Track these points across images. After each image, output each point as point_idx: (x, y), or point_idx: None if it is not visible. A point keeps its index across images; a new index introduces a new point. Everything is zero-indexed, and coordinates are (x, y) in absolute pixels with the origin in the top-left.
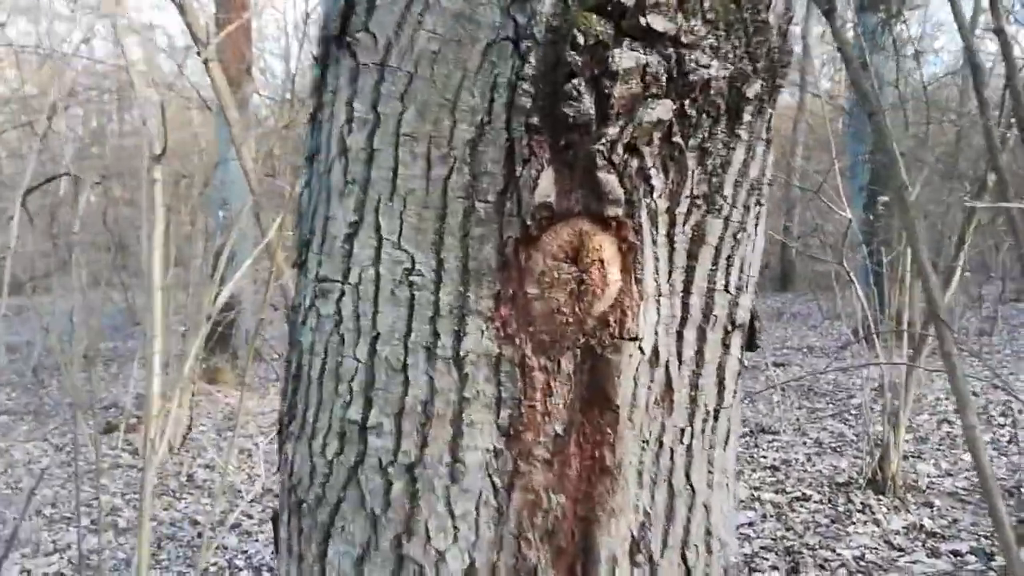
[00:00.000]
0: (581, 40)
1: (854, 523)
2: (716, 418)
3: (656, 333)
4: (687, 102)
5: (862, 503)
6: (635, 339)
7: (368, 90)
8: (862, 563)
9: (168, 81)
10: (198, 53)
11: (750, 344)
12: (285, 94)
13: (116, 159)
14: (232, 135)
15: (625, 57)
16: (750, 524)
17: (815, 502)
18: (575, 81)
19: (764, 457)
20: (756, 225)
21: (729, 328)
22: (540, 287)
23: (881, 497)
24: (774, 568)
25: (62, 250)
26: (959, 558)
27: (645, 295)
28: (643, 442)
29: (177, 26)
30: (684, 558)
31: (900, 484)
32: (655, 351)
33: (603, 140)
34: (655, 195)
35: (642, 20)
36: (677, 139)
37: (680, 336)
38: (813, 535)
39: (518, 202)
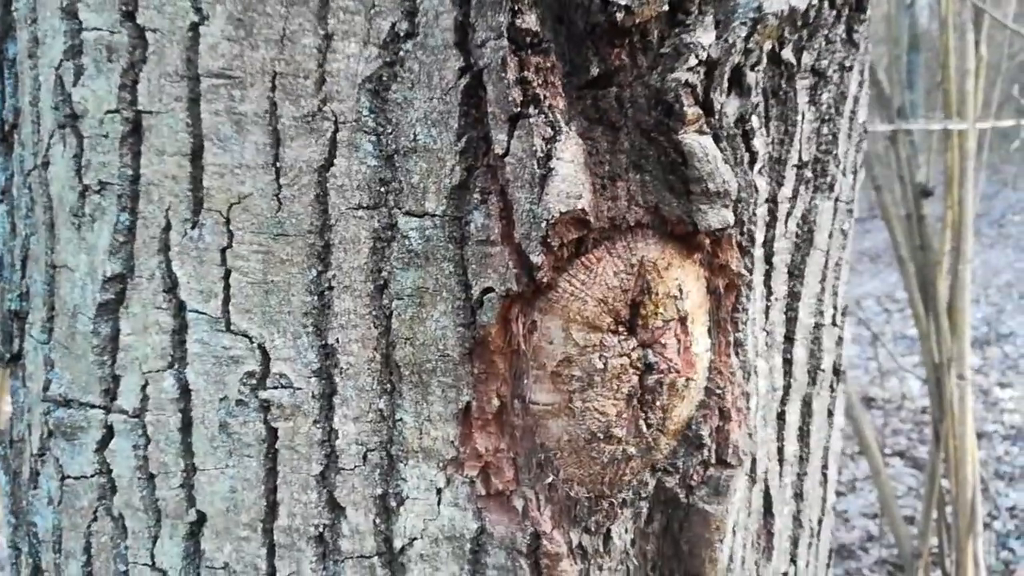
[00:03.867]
0: None
1: None
2: (820, 534)
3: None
4: None
5: None
6: (743, 462)
7: None
8: None
9: None
10: None
11: None
12: None
13: None
14: None
15: None
16: None
17: None
18: None
19: None
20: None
21: (834, 384)
22: (561, 388)
23: None
24: None
25: None
26: None
27: (749, 370)
28: None
29: None
30: None
31: None
32: (752, 463)
33: (689, 61)
34: (756, 171)
35: None
36: (788, 55)
37: (781, 421)
38: None
39: (503, 210)
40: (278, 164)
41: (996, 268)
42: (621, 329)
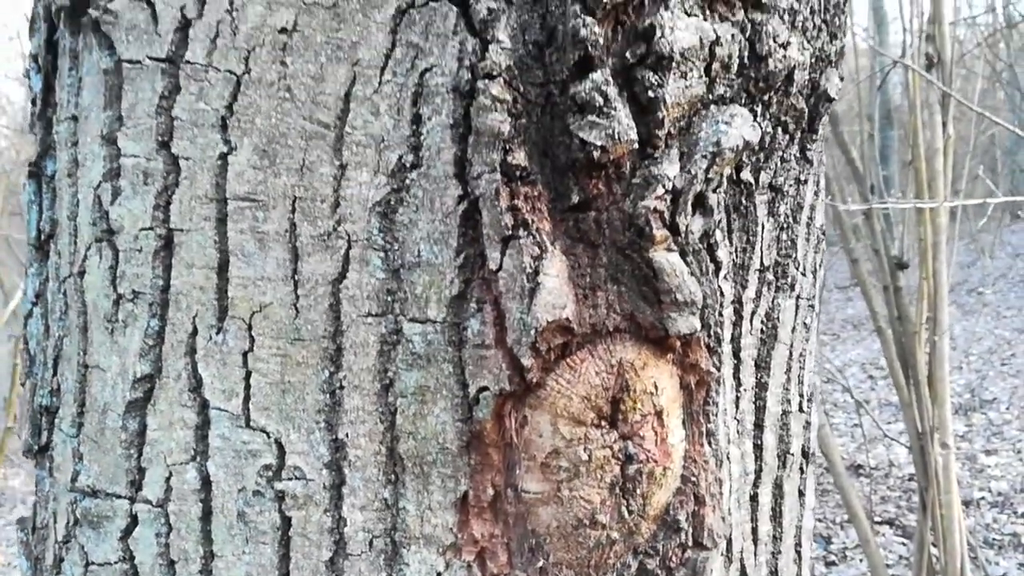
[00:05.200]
0: None
1: None
2: None
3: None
4: (758, 109)
5: None
6: (717, 544)
7: (145, 112)
8: None
9: None
10: None
11: None
12: (26, 123)
13: None
14: None
15: (683, 27)
16: None
17: None
18: (596, 77)
19: None
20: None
21: (803, 466)
22: (550, 478)
23: None
24: None
25: None
26: None
27: (722, 457)
28: None
29: None
30: None
31: None
32: (728, 543)
33: (657, 190)
34: (721, 277)
35: None
36: (746, 175)
37: (755, 503)
38: None
39: (496, 318)
40: (296, 277)
41: (977, 335)
42: (603, 423)
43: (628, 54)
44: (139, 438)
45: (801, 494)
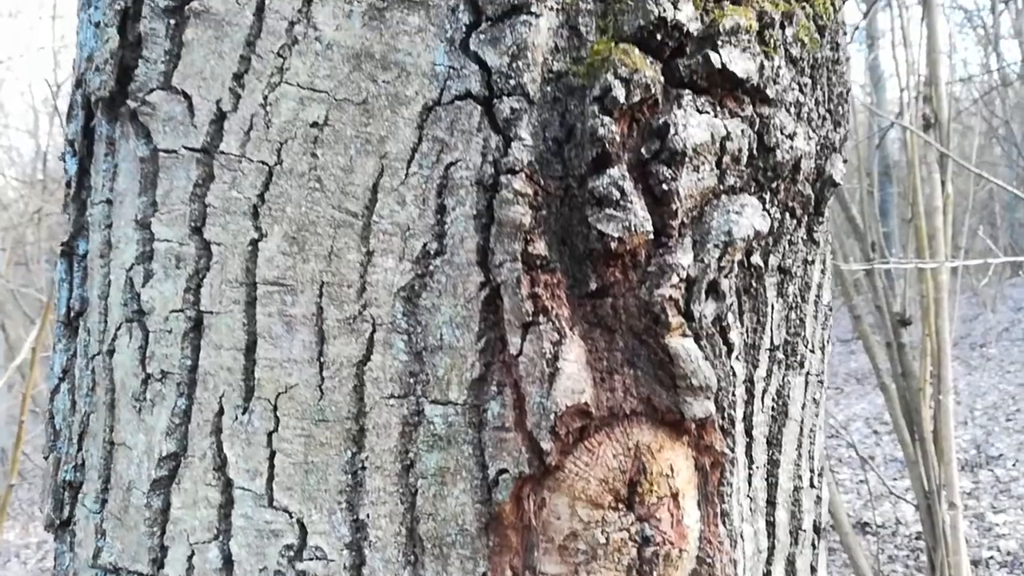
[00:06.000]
0: (620, 93)
1: None
2: None
3: None
4: (767, 196)
5: None
6: None
7: (179, 199)
8: None
9: None
10: None
11: None
12: (36, 175)
13: None
14: None
15: (695, 124)
16: None
17: None
18: (613, 172)
19: None
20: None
21: (815, 542)
22: (568, 560)
23: None
24: None
25: None
26: None
27: (736, 537)
28: None
29: None
30: None
31: None
32: None
33: (672, 279)
34: (733, 358)
35: (714, 59)
36: (756, 259)
37: None
38: None
39: (516, 401)
40: (322, 359)
41: (981, 390)
42: (620, 506)
43: (643, 150)
44: (163, 516)
45: (813, 570)
